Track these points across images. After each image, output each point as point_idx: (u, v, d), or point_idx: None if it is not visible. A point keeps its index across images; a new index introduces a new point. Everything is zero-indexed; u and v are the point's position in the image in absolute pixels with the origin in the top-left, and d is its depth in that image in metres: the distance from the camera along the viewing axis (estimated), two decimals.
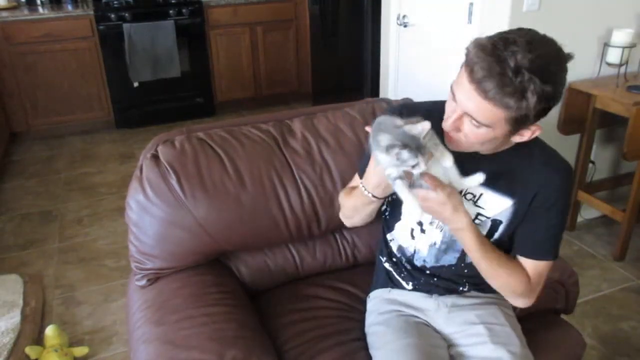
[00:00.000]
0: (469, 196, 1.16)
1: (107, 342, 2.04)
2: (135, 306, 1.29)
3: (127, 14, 3.83)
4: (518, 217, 1.14)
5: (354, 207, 1.25)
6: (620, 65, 2.32)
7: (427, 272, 1.27)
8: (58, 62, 3.82)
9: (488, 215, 1.16)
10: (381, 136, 0.99)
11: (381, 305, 1.30)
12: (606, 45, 2.32)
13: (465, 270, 1.23)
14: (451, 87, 1.03)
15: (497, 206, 1.14)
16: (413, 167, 0.97)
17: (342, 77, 3.88)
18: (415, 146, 0.96)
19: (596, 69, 2.40)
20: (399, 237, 1.29)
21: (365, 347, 1.25)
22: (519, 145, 1.09)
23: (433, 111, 1.10)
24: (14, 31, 3.64)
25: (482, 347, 1.16)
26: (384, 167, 1.03)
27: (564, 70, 0.96)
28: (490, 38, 0.95)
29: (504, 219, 1.15)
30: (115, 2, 3.90)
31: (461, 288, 1.27)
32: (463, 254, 1.21)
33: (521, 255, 1.17)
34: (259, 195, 1.33)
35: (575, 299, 1.49)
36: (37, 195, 3.21)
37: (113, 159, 3.69)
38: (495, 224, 1.16)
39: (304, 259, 1.51)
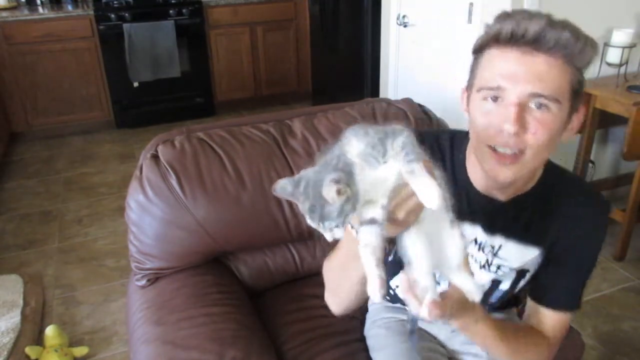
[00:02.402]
0: (487, 249, 0.99)
1: (107, 342, 2.04)
2: (135, 306, 1.29)
3: (127, 14, 3.83)
4: (546, 263, 1.00)
5: (342, 266, 0.91)
6: (620, 65, 2.32)
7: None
8: (58, 62, 3.82)
9: (513, 267, 1.00)
10: (324, 157, 0.69)
11: (382, 311, 1.26)
12: (606, 45, 2.32)
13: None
14: (481, 89, 0.84)
15: (522, 257, 0.99)
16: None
17: (342, 77, 3.88)
18: (316, 208, 0.64)
19: (596, 69, 2.40)
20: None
21: (365, 349, 1.25)
22: (541, 185, 0.95)
23: (455, 145, 0.96)
24: (14, 31, 3.64)
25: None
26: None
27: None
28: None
29: (532, 268, 1.01)
30: (115, 2, 3.90)
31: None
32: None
33: (542, 304, 1.01)
34: (259, 195, 1.33)
35: None
36: (37, 195, 3.21)
37: (113, 159, 3.69)
38: (522, 273, 1.02)
39: (304, 259, 1.50)
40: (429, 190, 0.64)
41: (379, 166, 0.66)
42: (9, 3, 3.80)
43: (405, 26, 2.81)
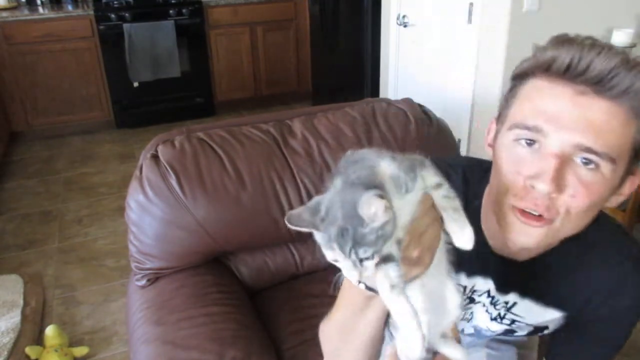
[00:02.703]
0: (499, 305, 0.84)
1: (107, 342, 2.04)
2: (135, 306, 1.29)
3: (127, 14, 3.83)
4: (572, 328, 0.85)
5: (342, 326, 0.75)
6: None
7: None
8: (58, 62, 3.82)
9: (529, 322, 0.85)
10: (334, 181, 0.58)
11: None
12: None
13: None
14: (515, 126, 0.67)
15: (540, 316, 0.84)
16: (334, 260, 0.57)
17: (342, 77, 3.88)
18: (342, 235, 0.54)
19: None
20: None
21: None
22: (576, 242, 0.74)
23: (471, 180, 0.79)
24: (14, 31, 3.64)
25: None
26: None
27: None
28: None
29: (552, 325, 0.86)
30: (115, 2, 3.90)
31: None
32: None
33: None
34: (259, 195, 1.33)
35: None
36: (37, 195, 3.21)
37: (113, 159, 3.69)
38: (539, 329, 0.88)
39: (304, 259, 1.51)
40: (466, 231, 0.59)
41: (406, 195, 0.57)
42: (9, 3, 3.80)
43: (405, 26, 2.81)
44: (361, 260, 0.54)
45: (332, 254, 0.56)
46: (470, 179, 0.79)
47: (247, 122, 1.46)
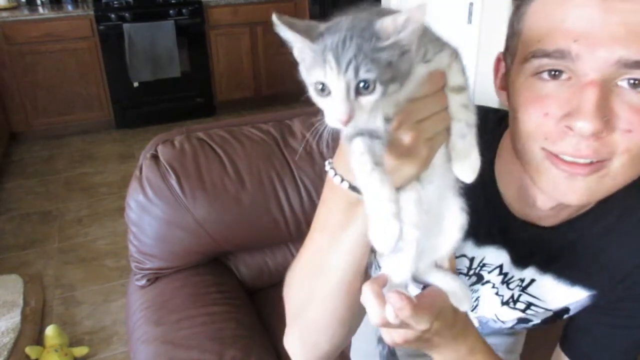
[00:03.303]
0: (513, 283, 0.71)
1: (107, 342, 2.04)
2: (135, 306, 1.29)
3: (127, 14, 3.83)
4: (599, 309, 0.71)
5: (313, 257, 0.62)
6: None
7: None
8: (58, 62, 3.82)
9: (548, 308, 0.73)
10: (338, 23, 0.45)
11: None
12: None
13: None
14: (535, 54, 0.51)
15: (563, 297, 0.71)
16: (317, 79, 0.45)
17: None
18: (358, 40, 0.42)
19: None
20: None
21: None
22: (610, 206, 0.62)
23: (490, 122, 0.66)
24: (14, 31, 3.64)
25: None
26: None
27: None
28: None
29: (574, 308, 0.72)
30: (115, 2, 3.90)
31: None
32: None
33: None
34: (258, 195, 1.33)
35: None
36: (37, 195, 3.21)
37: (113, 159, 3.69)
38: (559, 313, 0.74)
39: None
40: (472, 156, 0.48)
41: (420, 63, 0.45)
42: (9, 3, 3.80)
43: None
44: (358, 88, 0.41)
45: (320, 73, 0.42)
46: (482, 128, 0.54)
47: (247, 122, 1.46)
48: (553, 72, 0.50)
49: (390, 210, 0.42)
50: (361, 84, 0.41)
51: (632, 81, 0.48)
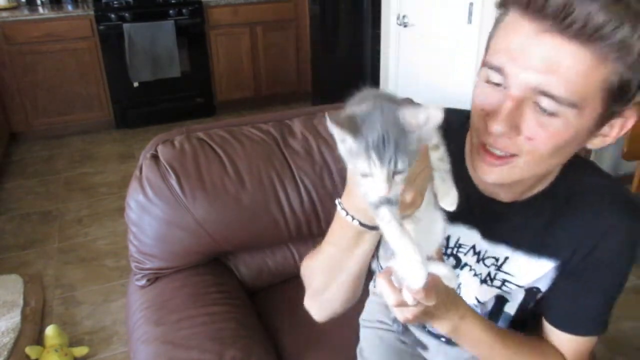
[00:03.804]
0: (489, 261, 0.83)
1: (107, 342, 2.04)
2: (135, 306, 1.29)
3: (127, 14, 3.83)
4: (565, 278, 0.81)
5: (330, 259, 0.76)
6: None
7: (443, 338, 0.99)
8: (58, 62, 3.82)
9: (520, 284, 0.83)
10: (359, 105, 0.57)
11: (378, 312, 1.16)
12: None
13: None
14: (487, 65, 0.64)
15: (532, 272, 0.81)
16: (363, 174, 0.56)
17: (342, 77, 3.88)
18: (384, 143, 0.52)
19: None
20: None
21: None
22: (560, 180, 0.76)
23: (455, 123, 0.76)
24: (14, 31, 3.64)
25: None
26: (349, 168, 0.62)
27: None
28: None
29: (544, 285, 0.83)
30: (115, 2, 3.90)
31: None
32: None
33: (559, 328, 0.83)
34: (258, 195, 1.33)
35: None
36: (37, 195, 3.21)
37: (113, 159, 3.69)
38: (531, 293, 0.84)
39: (304, 259, 1.50)
40: (451, 194, 0.64)
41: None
42: (9, 3, 3.80)
43: (405, 26, 2.81)
44: (394, 174, 0.54)
45: (365, 165, 0.54)
46: (452, 123, 0.69)
47: (247, 122, 1.46)
48: (495, 84, 0.64)
49: (418, 259, 0.59)
50: (395, 172, 0.54)
51: (543, 104, 0.60)
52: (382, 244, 0.70)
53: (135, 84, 4.03)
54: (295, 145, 1.41)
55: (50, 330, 1.95)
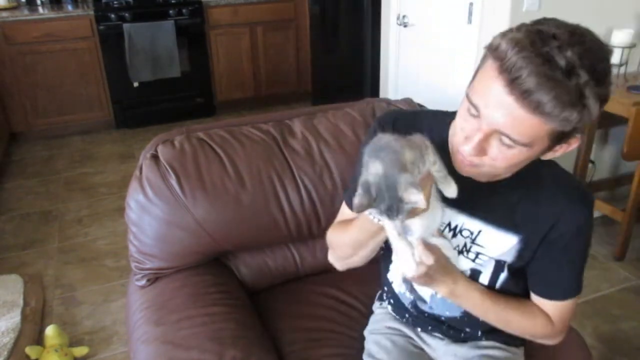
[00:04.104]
0: (465, 233, 1.00)
1: (107, 342, 2.04)
2: (135, 306, 1.29)
3: (127, 14, 3.83)
4: (526, 255, 0.98)
5: (356, 242, 0.99)
6: (620, 65, 2.32)
7: (435, 319, 1.12)
8: (58, 62, 3.83)
9: (490, 255, 0.99)
10: (374, 163, 0.79)
11: (388, 320, 1.23)
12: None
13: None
14: (468, 99, 0.81)
15: (500, 245, 0.98)
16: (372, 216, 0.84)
17: (342, 77, 3.88)
18: (386, 207, 0.77)
19: None
20: (398, 279, 1.15)
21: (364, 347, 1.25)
22: (528, 172, 0.90)
23: (435, 127, 0.95)
24: (14, 31, 3.64)
25: None
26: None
27: (611, 68, 0.78)
28: (519, 31, 0.76)
29: (510, 258, 0.99)
30: (115, 2, 3.90)
31: (479, 334, 1.12)
32: None
33: (539, 296, 1.01)
34: (259, 195, 1.33)
35: None
36: (37, 195, 3.21)
37: (113, 159, 3.69)
38: (500, 264, 1.00)
39: (304, 259, 1.51)
40: (452, 188, 0.86)
41: (419, 174, 0.79)
42: (9, 3, 3.80)
43: (405, 26, 2.81)
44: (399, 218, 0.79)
45: (378, 218, 0.82)
46: (438, 120, 0.98)
47: (247, 122, 1.46)
48: (472, 113, 0.81)
49: (410, 256, 0.87)
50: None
51: (502, 141, 0.79)
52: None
53: (135, 84, 4.03)
54: (295, 145, 1.41)
55: (50, 330, 1.95)
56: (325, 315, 1.36)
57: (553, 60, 0.71)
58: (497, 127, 0.77)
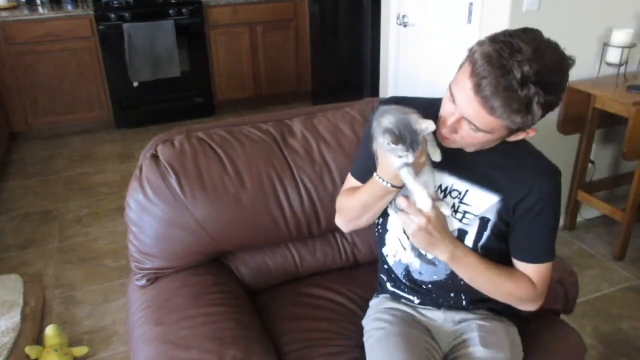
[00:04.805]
0: (454, 194, 1.15)
1: (107, 342, 2.04)
2: (135, 306, 1.29)
3: (127, 14, 3.83)
4: (505, 216, 1.12)
5: (364, 205, 1.18)
6: (620, 65, 2.32)
7: (425, 287, 1.23)
8: (58, 62, 3.83)
9: (475, 213, 1.14)
10: (386, 118, 1.00)
11: (387, 302, 1.29)
12: (606, 45, 2.32)
13: (462, 282, 1.18)
14: (450, 88, 1.01)
15: (484, 203, 1.13)
16: (400, 157, 0.99)
17: (342, 77, 3.88)
18: (410, 141, 0.97)
19: (596, 69, 2.40)
20: (392, 250, 1.26)
21: (363, 347, 1.25)
22: (507, 146, 1.09)
23: (429, 109, 1.08)
24: (14, 31, 3.64)
25: (472, 349, 1.16)
26: (385, 153, 1.03)
27: (567, 78, 0.96)
28: (494, 42, 0.93)
29: (492, 216, 1.13)
30: (115, 2, 3.90)
31: (464, 304, 1.24)
32: None
33: (521, 261, 1.15)
34: (259, 195, 1.33)
35: (575, 299, 1.49)
36: (37, 195, 3.21)
37: (113, 159, 3.69)
38: (484, 222, 1.14)
39: (304, 259, 1.51)
40: (438, 153, 1.08)
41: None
42: (9, 3, 3.80)
43: (405, 26, 2.81)
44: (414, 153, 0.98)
45: (404, 154, 0.98)
46: (433, 105, 1.11)
47: (247, 122, 1.46)
48: (452, 100, 1.00)
49: (425, 194, 1.04)
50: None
51: (468, 124, 0.99)
52: (397, 195, 1.12)
53: (135, 84, 4.03)
54: (295, 145, 1.41)
55: (50, 330, 1.95)
56: (325, 316, 1.37)
57: (512, 72, 0.89)
58: (466, 116, 0.97)
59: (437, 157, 1.07)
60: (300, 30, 4.43)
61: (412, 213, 1.06)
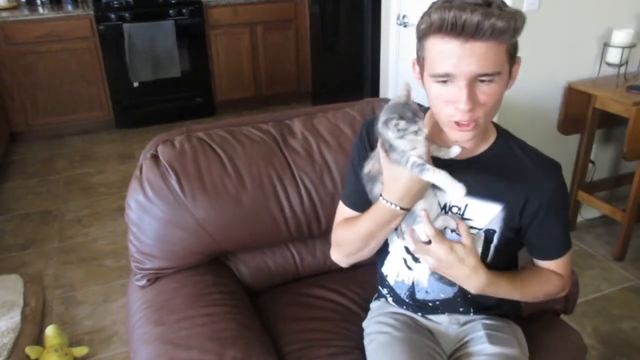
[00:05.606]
0: (454, 209, 1.08)
1: (107, 342, 2.04)
2: (135, 306, 1.29)
3: (127, 14, 3.83)
4: (511, 224, 1.07)
5: (369, 233, 1.09)
6: (620, 65, 2.32)
7: (431, 304, 1.19)
8: (58, 62, 3.83)
9: (479, 227, 1.08)
10: (379, 118, 0.96)
11: (388, 307, 1.27)
12: (606, 45, 2.32)
13: (469, 295, 1.12)
14: (434, 77, 0.95)
15: (486, 215, 1.07)
16: (416, 133, 0.93)
17: (342, 77, 3.88)
18: (411, 114, 0.93)
19: (596, 69, 2.40)
20: (394, 271, 1.20)
21: (363, 348, 1.25)
22: (499, 146, 1.06)
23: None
24: (14, 31, 3.64)
25: (480, 346, 1.14)
26: (401, 152, 0.96)
27: None
28: (431, 8, 0.91)
29: (497, 227, 1.08)
30: (115, 2, 3.91)
31: (472, 314, 1.21)
32: None
33: (544, 259, 1.14)
34: (259, 195, 1.33)
35: (575, 299, 1.49)
36: (37, 195, 3.21)
37: (113, 159, 3.70)
38: (489, 234, 1.09)
39: (304, 259, 1.51)
40: (445, 150, 1.05)
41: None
42: (9, 3, 3.80)
43: (405, 26, 2.81)
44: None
45: (415, 128, 0.93)
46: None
47: (247, 122, 1.46)
48: (443, 81, 0.94)
49: (454, 181, 0.95)
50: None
51: (482, 80, 0.92)
52: (403, 220, 1.05)
53: (135, 84, 4.03)
54: (295, 145, 1.41)
55: (50, 330, 1.95)
56: (325, 316, 1.36)
57: (471, 2, 0.88)
58: (473, 72, 0.91)
59: (449, 153, 1.03)
60: (300, 30, 4.43)
61: (435, 248, 1.00)
